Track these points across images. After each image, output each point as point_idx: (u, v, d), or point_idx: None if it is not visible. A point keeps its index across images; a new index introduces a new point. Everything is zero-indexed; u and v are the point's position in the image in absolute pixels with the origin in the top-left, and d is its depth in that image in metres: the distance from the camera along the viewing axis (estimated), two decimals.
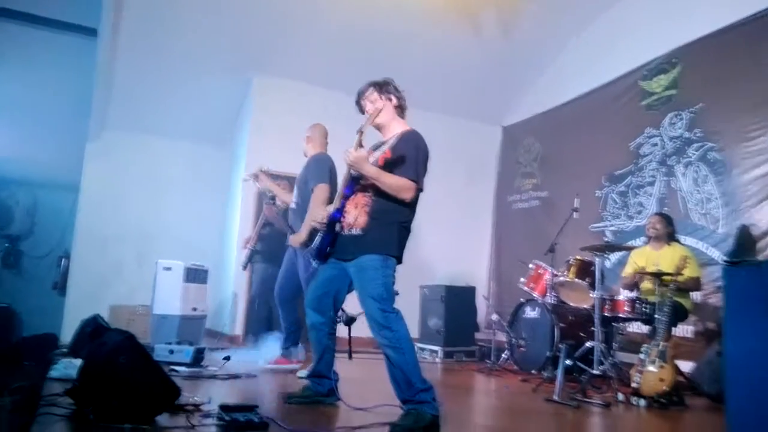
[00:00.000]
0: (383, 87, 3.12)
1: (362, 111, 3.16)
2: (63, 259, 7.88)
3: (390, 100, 3.09)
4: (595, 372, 4.22)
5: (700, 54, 5.49)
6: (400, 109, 3.13)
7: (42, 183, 8.66)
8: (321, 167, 4.32)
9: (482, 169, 8.26)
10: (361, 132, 2.92)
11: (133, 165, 7.59)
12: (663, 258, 4.59)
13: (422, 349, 6.14)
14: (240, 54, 6.74)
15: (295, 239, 4.21)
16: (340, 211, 2.94)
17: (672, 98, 5.73)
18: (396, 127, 3.08)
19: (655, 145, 5.84)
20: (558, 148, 7.21)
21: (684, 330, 5.04)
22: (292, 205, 4.55)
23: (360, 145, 2.88)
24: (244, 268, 6.01)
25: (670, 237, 4.80)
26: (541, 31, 6.94)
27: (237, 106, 7.66)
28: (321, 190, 4.14)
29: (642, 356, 3.87)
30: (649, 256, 4.74)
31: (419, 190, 2.90)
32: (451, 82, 7.31)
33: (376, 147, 3.11)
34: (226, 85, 7.21)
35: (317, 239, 3.03)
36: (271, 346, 4.69)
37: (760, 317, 2.06)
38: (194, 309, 5.41)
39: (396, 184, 2.82)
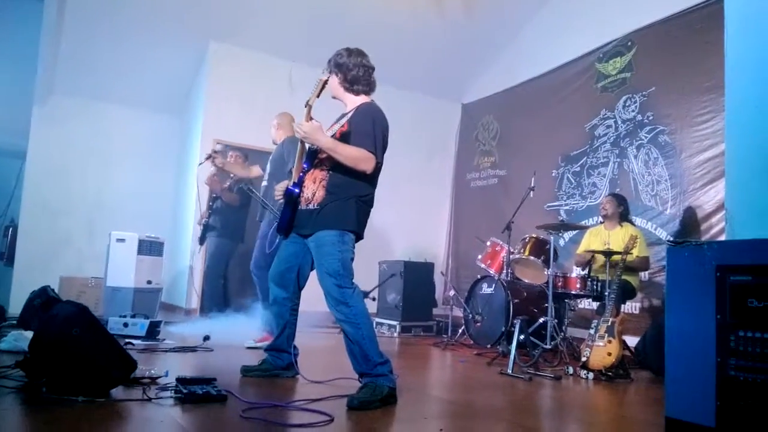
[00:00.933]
0: (333, 59, 3.08)
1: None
2: (10, 229, 7.59)
3: (336, 74, 3.05)
4: (547, 346, 4.36)
5: (654, 39, 5.63)
6: (353, 85, 3.05)
7: None
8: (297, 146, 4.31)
9: (441, 146, 8.32)
10: (309, 105, 2.88)
11: (82, 132, 7.32)
12: (614, 237, 4.76)
13: (380, 324, 6.21)
14: (196, 18, 6.53)
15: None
16: (297, 185, 2.93)
17: (626, 81, 5.87)
18: (353, 101, 3.05)
19: (610, 127, 5.99)
20: (516, 127, 7.31)
21: (631, 306, 5.25)
22: (265, 183, 4.52)
23: (310, 117, 2.84)
24: (201, 243, 5.94)
25: (623, 217, 4.96)
26: (501, 10, 6.97)
27: (192, 74, 7.45)
28: None
29: (591, 331, 4.02)
30: (601, 235, 4.90)
31: (378, 163, 2.87)
32: (413, 58, 7.29)
33: (336, 120, 3.09)
34: (180, 50, 6.98)
35: (279, 213, 3.03)
36: (251, 323, 4.62)
37: (699, 295, 2.17)
38: (149, 282, 5.32)
39: (353, 155, 2.79)
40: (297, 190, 2.93)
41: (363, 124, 2.87)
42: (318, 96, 2.92)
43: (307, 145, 2.89)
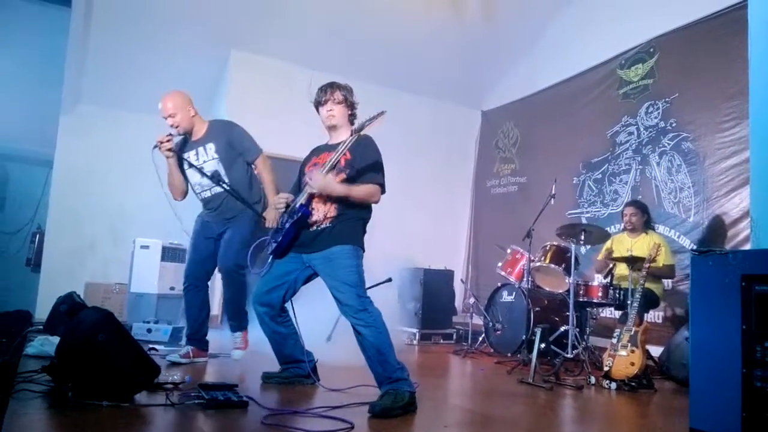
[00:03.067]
0: (342, 94, 3.14)
1: (318, 105, 3.17)
2: (37, 235, 7.74)
3: (344, 106, 3.13)
4: (568, 355, 4.32)
5: (677, 44, 5.57)
6: (354, 116, 3.19)
7: (13, 156, 8.45)
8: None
9: (461, 153, 8.29)
10: (332, 163, 2.92)
11: (107, 140, 7.43)
12: (637, 245, 4.71)
13: (399, 331, 6.20)
14: (218, 27, 6.61)
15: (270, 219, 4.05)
16: (305, 206, 2.96)
17: (648, 87, 5.82)
18: (346, 132, 3.08)
19: (632, 133, 5.93)
20: (536, 134, 7.27)
21: (654, 316, 5.18)
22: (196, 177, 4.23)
23: (320, 162, 2.99)
24: None
25: (647, 225, 4.91)
26: (521, 16, 6.95)
27: (214, 82, 7.54)
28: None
29: (614, 341, 3.97)
30: (625, 243, 4.85)
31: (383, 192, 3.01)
32: (432, 65, 7.29)
33: (324, 149, 3.15)
34: (202, 58, 7.06)
35: (279, 236, 3.03)
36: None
37: (724, 304, 2.14)
38: (172, 288, 5.38)
39: (367, 192, 2.94)
40: (309, 212, 2.96)
41: (371, 158, 2.99)
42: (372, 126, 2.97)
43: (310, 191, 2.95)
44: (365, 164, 2.97)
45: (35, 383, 2.63)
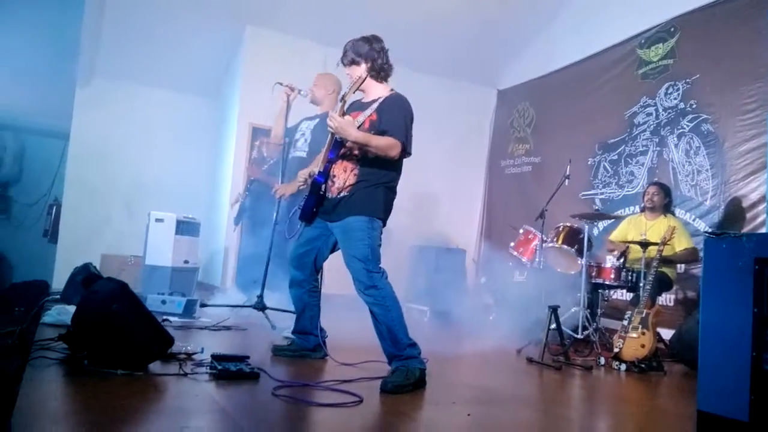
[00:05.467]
0: (353, 49, 3.07)
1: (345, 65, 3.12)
2: (54, 207, 7.84)
3: (368, 63, 3.04)
4: (578, 336, 4.32)
5: (698, 24, 5.45)
6: (380, 72, 3.06)
7: (30, 129, 8.52)
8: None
9: (476, 132, 8.23)
10: (344, 100, 2.93)
11: (122, 114, 7.48)
12: (653, 228, 4.66)
13: (410, 309, 6.23)
14: (234, 3, 6.57)
15: (281, 190, 4.26)
16: (323, 175, 2.95)
17: (668, 68, 5.71)
18: (378, 89, 3.05)
19: (650, 114, 5.84)
20: (552, 114, 7.19)
21: (666, 299, 5.16)
22: (301, 153, 4.47)
23: (343, 112, 2.89)
24: (236, 224, 6.04)
25: (666, 208, 4.87)
26: None
27: (228, 57, 7.53)
28: None
29: (625, 322, 3.97)
30: (641, 225, 4.81)
31: (407, 153, 2.93)
32: (447, 43, 7.21)
33: (357, 107, 3.08)
34: (217, 34, 7.04)
35: (302, 201, 3.06)
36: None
37: (736, 287, 2.13)
38: (186, 261, 5.44)
39: (385, 143, 2.84)
40: (323, 180, 2.95)
41: (395, 117, 2.91)
42: (354, 92, 2.96)
43: (335, 136, 2.90)
44: (388, 121, 2.89)
45: (52, 351, 2.69)
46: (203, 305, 4.41)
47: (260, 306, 4.24)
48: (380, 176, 2.93)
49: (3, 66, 7.21)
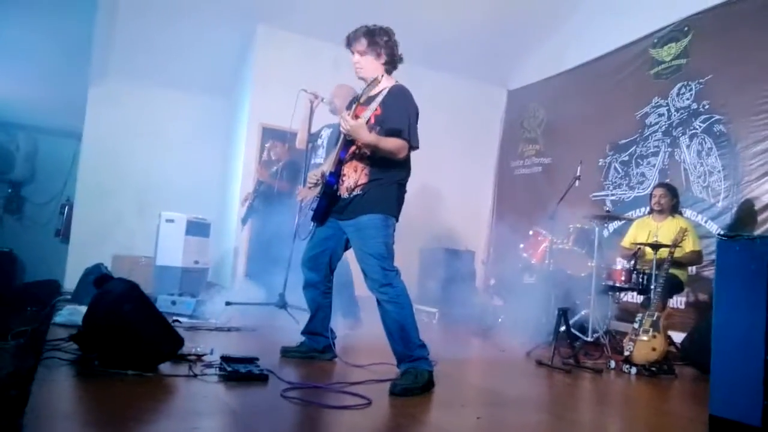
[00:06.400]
0: (374, 40, 3.03)
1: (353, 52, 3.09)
2: (66, 207, 7.90)
3: (379, 55, 3.03)
4: (588, 339, 4.30)
5: (712, 24, 5.40)
6: (389, 64, 3.05)
7: (42, 128, 8.59)
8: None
9: (486, 132, 8.21)
10: (358, 103, 2.92)
11: (134, 114, 7.52)
12: (663, 230, 4.62)
13: (420, 311, 6.22)
14: (245, 2, 6.59)
15: (302, 193, 4.22)
16: (334, 175, 2.94)
17: (681, 68, 5.67)
18: (383, 82, 3.00)
19: (662, 115, 5.80)
20: (563, 115, 7.15)
21: (677, 301, 5.11)
22: (320, 161, 4.48)
23: (356, 115, 2.87)
24: (244, 223, 6.05)
25: (674, 209, 4.82)
26: None
27: (240, 56, 7.55)
28: None
29: (635, 325, 3.94)
30: (650, 227, 4.77)
31: (414, 147, 2.92)
32: (458, 42, 7.18)
33: (362, 101, 3.03)
34: (229, 33, 7.06)
35: (314, 202, 3.06)
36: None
37: (749, 290, 2.11)
38: (196, 262, 5.47)
39: (394, 146, 2.83)
40: (334, 181, 2.94)
41: (398, 111, 2.89)
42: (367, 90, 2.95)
43: (346, 137, 2.89)
44: (393, 117, 2.88)
45: (63, 351, 2.70)
46: (228, 303, 4.41)
47: (281, 304, 4.28)
48: (392, 174, 2.93)
49: (16, 66, 7.27)
